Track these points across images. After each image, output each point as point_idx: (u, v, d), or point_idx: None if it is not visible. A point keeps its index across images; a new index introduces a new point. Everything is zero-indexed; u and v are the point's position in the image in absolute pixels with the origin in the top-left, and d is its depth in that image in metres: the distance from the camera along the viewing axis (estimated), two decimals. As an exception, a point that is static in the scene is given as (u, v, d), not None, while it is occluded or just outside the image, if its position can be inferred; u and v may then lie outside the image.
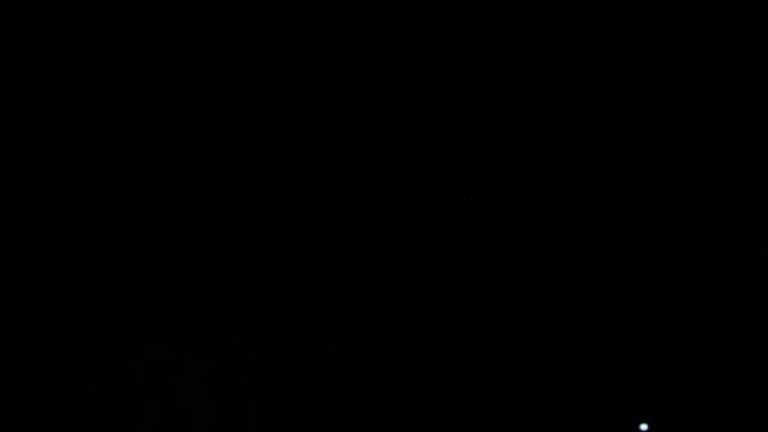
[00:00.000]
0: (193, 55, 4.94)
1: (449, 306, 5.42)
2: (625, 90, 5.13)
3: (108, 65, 4.90)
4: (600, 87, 5.13)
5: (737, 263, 5.25)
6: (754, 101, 5.10)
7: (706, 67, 5.03)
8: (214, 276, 5.21)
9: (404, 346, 5.35)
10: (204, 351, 5.15)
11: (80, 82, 4.93)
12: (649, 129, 5.20)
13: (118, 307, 5.12)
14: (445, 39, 4.97)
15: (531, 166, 5.28)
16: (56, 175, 5.08)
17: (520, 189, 5.31)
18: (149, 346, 5.11)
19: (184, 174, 5.19)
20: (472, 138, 5.24)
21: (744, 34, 4.86)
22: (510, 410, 5.35)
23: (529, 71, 5.08)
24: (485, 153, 5.27)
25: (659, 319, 5.32)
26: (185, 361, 5.13)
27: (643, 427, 5.22)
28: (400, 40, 4.97)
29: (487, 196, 5.31)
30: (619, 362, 5.36)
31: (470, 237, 5.37)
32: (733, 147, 5.19)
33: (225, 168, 5.22)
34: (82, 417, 5.00)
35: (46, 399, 4.98)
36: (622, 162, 5.25)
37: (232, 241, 5.25)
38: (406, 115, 5.19)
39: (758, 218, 5.23)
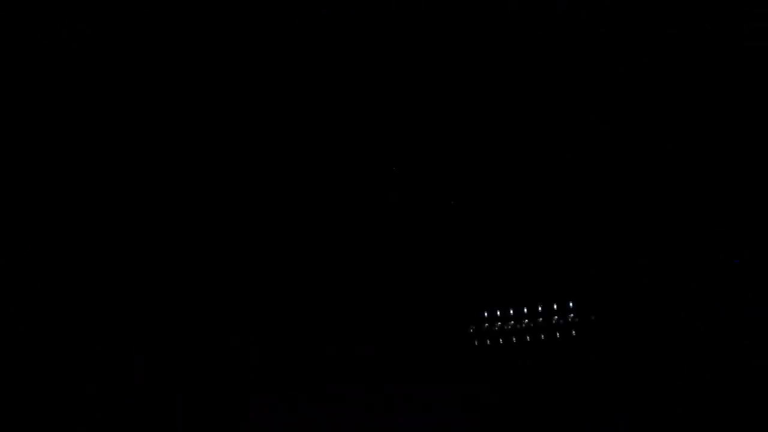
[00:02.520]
0: (193, 55, 4.94)
1: (448, 305, 5.43)
2: (611, 91, 5.13)
3: (108, 65, 4.90)
4: (586, 88, 5.13)
5: (721, 264, 5.26)
6: (738, 102, 5.09)
7: (691, 68, 5.02)
8: (214, 276, 5.22)
9: (404, 346, 5.36)
10: (204, 351, 5.16)
11: (80, 82, 4.93)
12: (635, 129, 5.20)
13: (118, 307, 5.13)
14: (433, 40, 4.97)
15: (516, 166, 5.28)
16: (56, 175, 5.08)
17: (506, 189, 5.32)
18: (149, 346, 5.12)
19: (184, 175, 5.19)
20: (458, 139, 5.24)
21: (729, 34, 4.86)
22: (508, 410, 5.36)
23: (514, 72, 5.08)
24: (470, 154, 5.28)
25: (645, 318, 5.33)
26: (186, 361, 5.13)
27: None
28: (392, 41, 4.97)
29: (473, 197, 5.32)
30: (605, 362, 5.38)
31: (465, 238, 5.38)
32: (718, 147, 5.20)
33: (224, 170, 5.22)
34: (82, 417, 5.00)
35: (46, 399, 4.99)
36: (608, 162, 5.26)
37: (232, 241, 5.26)
38: (394, 116, 5.19)
39: (741, 218, 5.24)
